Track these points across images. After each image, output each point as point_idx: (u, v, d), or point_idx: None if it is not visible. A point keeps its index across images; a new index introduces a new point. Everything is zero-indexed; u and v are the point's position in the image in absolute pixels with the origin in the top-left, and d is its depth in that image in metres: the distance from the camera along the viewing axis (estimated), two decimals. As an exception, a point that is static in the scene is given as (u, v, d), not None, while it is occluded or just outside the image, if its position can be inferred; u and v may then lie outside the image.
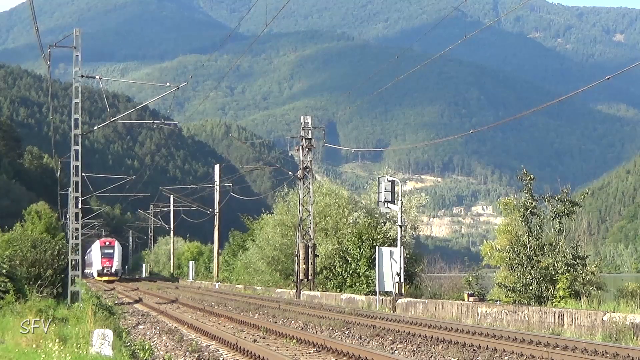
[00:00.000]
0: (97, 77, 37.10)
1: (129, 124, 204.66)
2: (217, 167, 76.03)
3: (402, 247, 32.90)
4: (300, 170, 43.27)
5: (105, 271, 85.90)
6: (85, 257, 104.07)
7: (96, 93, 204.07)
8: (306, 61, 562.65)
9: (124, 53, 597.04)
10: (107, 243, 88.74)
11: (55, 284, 30.79)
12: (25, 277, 28.55)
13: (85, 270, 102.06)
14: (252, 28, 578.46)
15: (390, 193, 32.90)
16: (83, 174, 33.77)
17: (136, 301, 39.58)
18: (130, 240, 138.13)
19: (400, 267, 31.95)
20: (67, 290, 30.77)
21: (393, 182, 33.49)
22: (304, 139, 42.99)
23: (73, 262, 31.35)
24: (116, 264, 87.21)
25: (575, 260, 27.60)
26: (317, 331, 22.49)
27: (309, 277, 41.34)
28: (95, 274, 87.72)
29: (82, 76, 32.66)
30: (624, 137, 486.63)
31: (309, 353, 17.56)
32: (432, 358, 16.81)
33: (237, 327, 24.11)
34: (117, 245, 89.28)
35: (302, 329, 23.03)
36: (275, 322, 25.10)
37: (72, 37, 31.60)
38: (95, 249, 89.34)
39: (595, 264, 29.10)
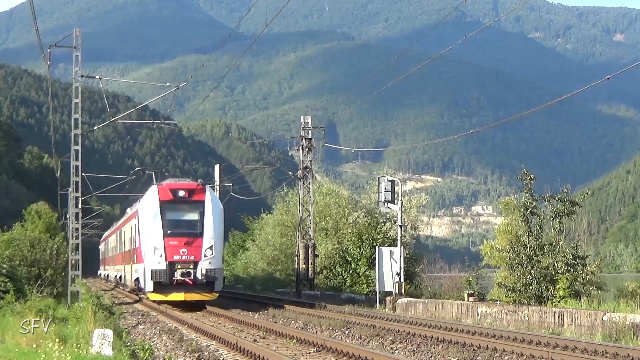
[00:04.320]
0: (97, 77, 37.15)
1: (129, 124, 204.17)
2: (217, 167, 75.87)
3: (402, 247, 32.92)
4: (300, 170, 43.25)
5: (180, 275, 30.52)
6: (101, 246, 68.67)
7: (96, 93, 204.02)
8: (306, 61, 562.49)
9: (124, 53, 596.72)
10: (183, 193, 31.79)
11: (55, 283, 30.81)
12: (25, 277, 28.55)
13: (102, 272, 69.69)
14: (252, 28, 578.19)
15: (390, 193, 32.92)
16: (83, 174, 33.78)
17: (136, 301, 39.58)
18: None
19: (400, 267, 31.96)
20: (67, 290, 30.79)
21: (393, 182, 33.50)
22: (304, 139, 42.97)
23: (73, 262, 31.39)
24: (209, 254, 30.98)
25: (575, 260, 27.63)
26: (317, 331, 22.49)
27: (309, 277, 41.33)
28: (145, 283, 31.37)
29: (82, 76, 32.67)
30: (624, 137, 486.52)
31: (309, 353, 17.56)
32: (432, 358, 16.81)
33: (237, 327, 24.11)
34: (210, 197, 32.23)
35: (302, 329, 23.03)
36: (275, 322, 25.10)
37: (72, 37, 31.61)
38: (147, 211, 32.14)
39: (596, 264, 29.16)
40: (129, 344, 18.35)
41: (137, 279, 33.47)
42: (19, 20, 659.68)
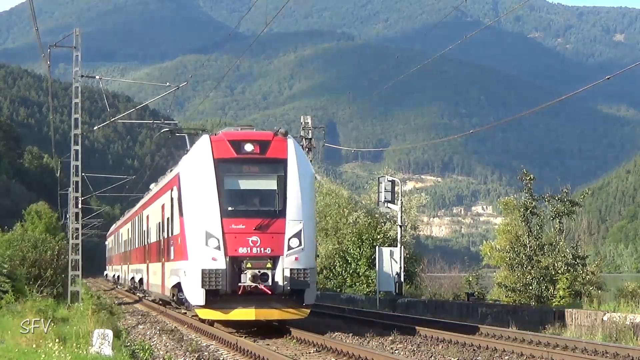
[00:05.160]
0: (97, 77, 37.21)
1: (129, 124, 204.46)
2: (217, 167, 75.82)
3: (402, 247, 32.92)
4: (300, 170, 43.17)
5: (250, 279, 18.59)
6: (109, 241, 57.76)
7: (96, 93, 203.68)
8: (306, 61, 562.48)
9: (124, 53, 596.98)
10: (252, 147, 19.55)
11: (55, 284, 30.83)
12: (25, 277, 28.57)
13: (109, 272, 57.33)
14: (252, 28, 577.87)
15: (390, 193, 32.95)
16: (83, 174, 33.81)
17: (136, 301, 39.57)
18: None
19: (400, 267, 31.97)
20: (67, 290, 30.80)
21: (393, 182, 33.52)
22: (304, 139, 42.94)
23: (73, 262, 31.41)
24: (296, 245, 19.12)
25: (575, 260, 27.67)
26: (317, 331, 22.47)
27: (309, 277, 41.25)
28: (191, 291, 19.37)
29: (82, 76, 32.71)
30: (624, 137, 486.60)
31: (309, 353, 17.55)
32: (432, 358, 16.81)
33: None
34: (295, 154, 19.71)
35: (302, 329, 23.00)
36: (275, 322, 25.06)
37: (72, 37, 31.65)
38: (194, 177, 19.75)
39: (595, 264, 29.26)
40: (128, 344, 18.35)
41: (178, 285, 21.49)
42: (19, 20, 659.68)
